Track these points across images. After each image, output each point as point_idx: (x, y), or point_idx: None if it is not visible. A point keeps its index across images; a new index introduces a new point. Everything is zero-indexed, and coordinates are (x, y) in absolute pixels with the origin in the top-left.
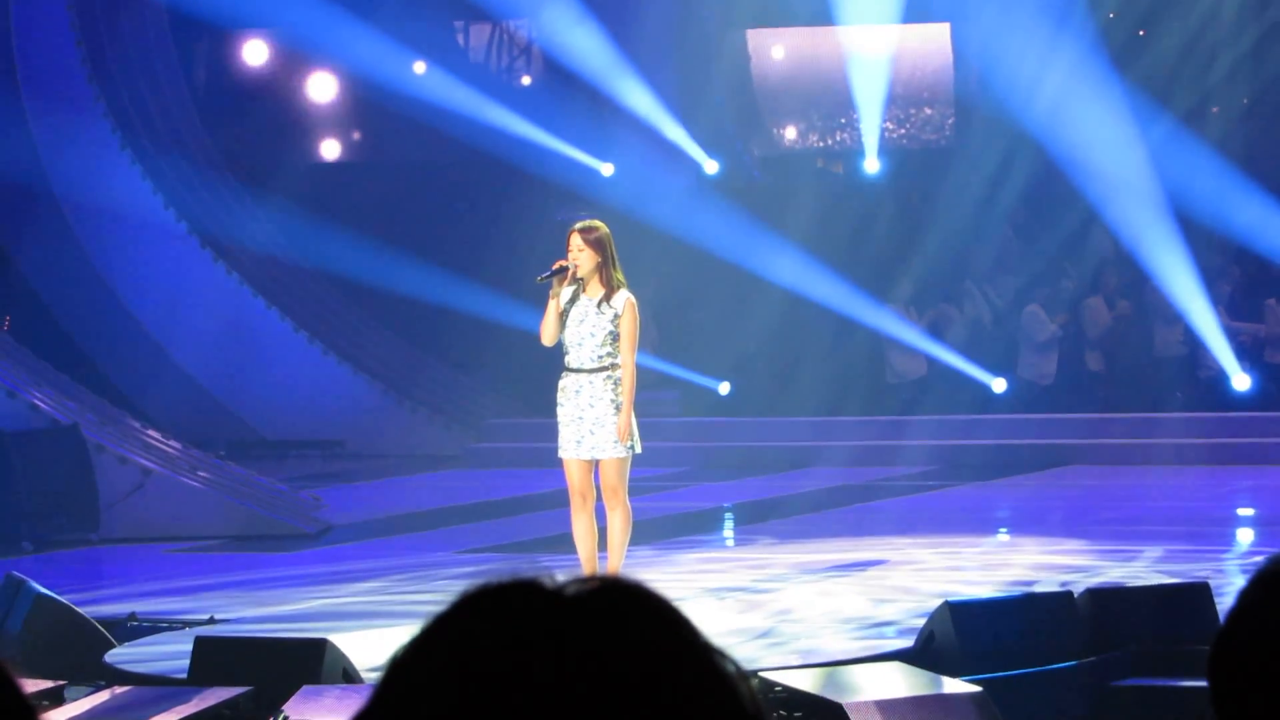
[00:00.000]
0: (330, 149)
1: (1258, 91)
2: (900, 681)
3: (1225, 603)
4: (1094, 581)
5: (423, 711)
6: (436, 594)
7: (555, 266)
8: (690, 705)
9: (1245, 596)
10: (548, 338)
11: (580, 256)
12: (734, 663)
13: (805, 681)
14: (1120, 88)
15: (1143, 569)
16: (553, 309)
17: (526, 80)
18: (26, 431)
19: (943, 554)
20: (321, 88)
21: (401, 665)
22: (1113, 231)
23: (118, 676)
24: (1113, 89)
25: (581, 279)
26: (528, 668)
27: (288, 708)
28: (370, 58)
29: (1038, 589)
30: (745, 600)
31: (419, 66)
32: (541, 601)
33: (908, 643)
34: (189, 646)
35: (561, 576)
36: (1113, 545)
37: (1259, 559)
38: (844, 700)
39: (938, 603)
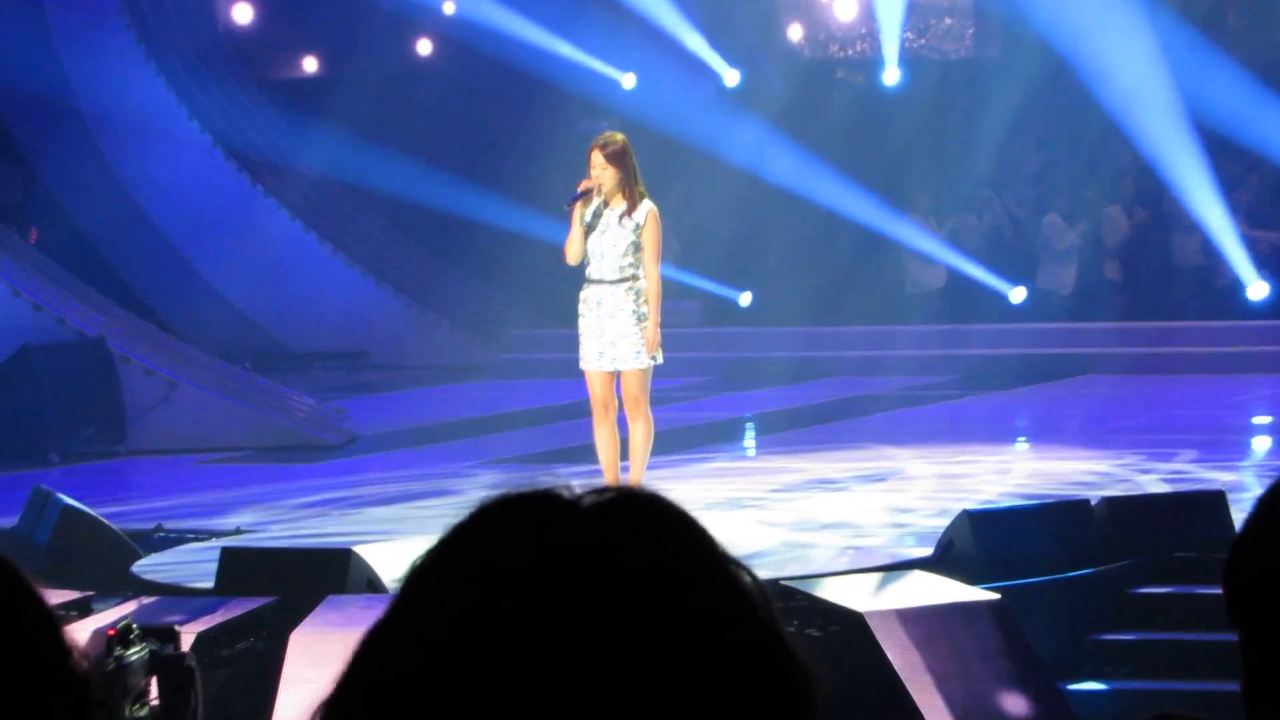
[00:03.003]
0: (350, 58)
1: (1270, 5)
2: (920, 590)
3: (1241, 510)
4: (1111, 490)
5: (440, 618)
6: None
7: (580, 189)
8: (705, 615)
9: (1261, 506)
10: (573, 257)
11: (603, 175)
12: (750, 572)
13: (825, 591)
14: (1144, 2)
15: (1160, 477)
16: (578, 229)
17: None
18: (53, 344)
19: (962, 463)
20: (344, 5)
21: (421, 574)
22: (1131, 141)
23: (145, 587)
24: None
25: (604, 196)
26: (543, 578)
27: (312, 617)
28: None
29: (1055, 498)
30: (765, 510)
31: None
32: (558, 512)
33: (927, 551)
34: (215, 557)
35: (579, 487)
36: (1130, 454)
37: (1276, 466)
38: (864, 609)
39: (957, 512)
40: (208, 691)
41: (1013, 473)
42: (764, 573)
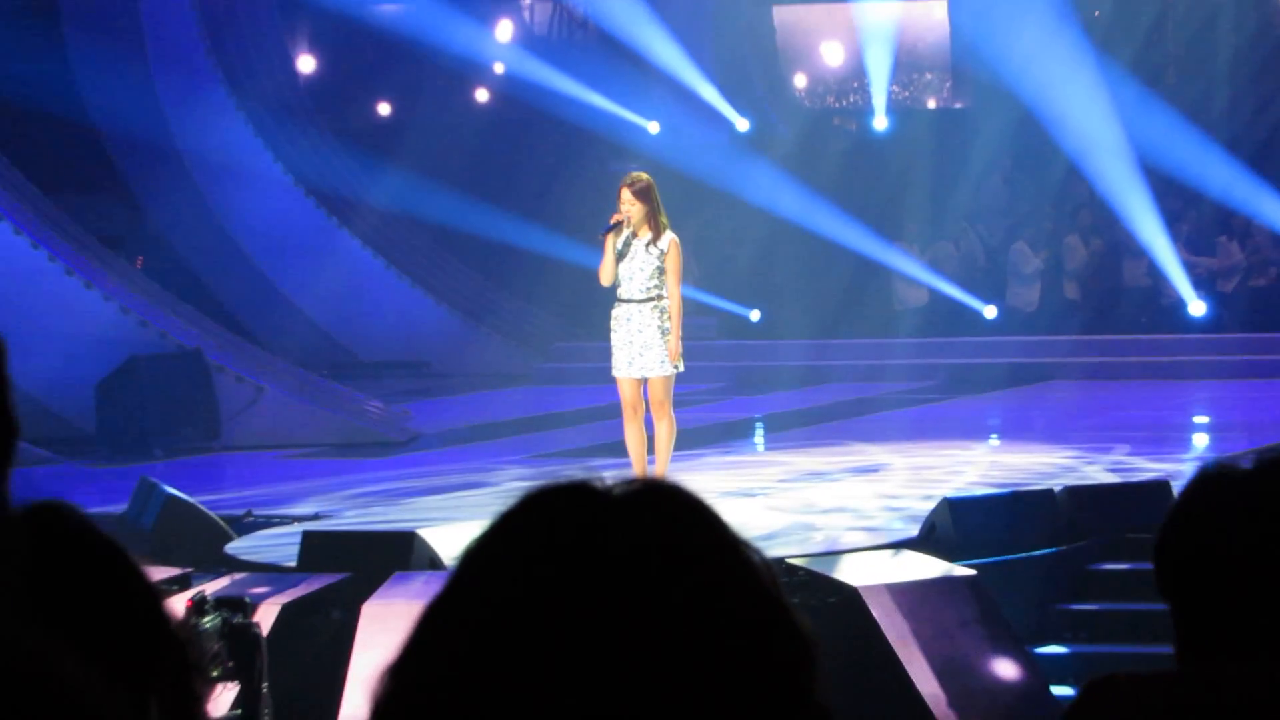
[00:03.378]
0: (414, 108)
1: (1207, 59)
2: (906, 567)
3: None
4: (1072, 480)
5: (491, 592)
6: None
7: (612, 222)
8: (720, 588)
9: (1182, 497)
10: (606, 279)
11: (631, 209)
12: (758, 552)
13: (824, 567)
14: (1094, 57)
15: (1113, 469)
16: (610, 255)
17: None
18: (157, 355)
19: (942, 457)
20: (409, 62)
21: (473, 555)
22: (1087, 180)
23: (236, 565)
24: (1088, 58)
25: (632, 227)
26: (579, 557)
27: (382, 590)
28: (448, 34)
29: (1024, 487)
30: (772, 498)
31: (502, 30)
32: (593, 501)
33: (912, 533)
34: (297, 539)
35: (610, 479)
36: (1088, 449)
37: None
38: (858, 583)
39: (938, 499)
40: (292, 655)
41: (986, 465)
42: (771, 552)
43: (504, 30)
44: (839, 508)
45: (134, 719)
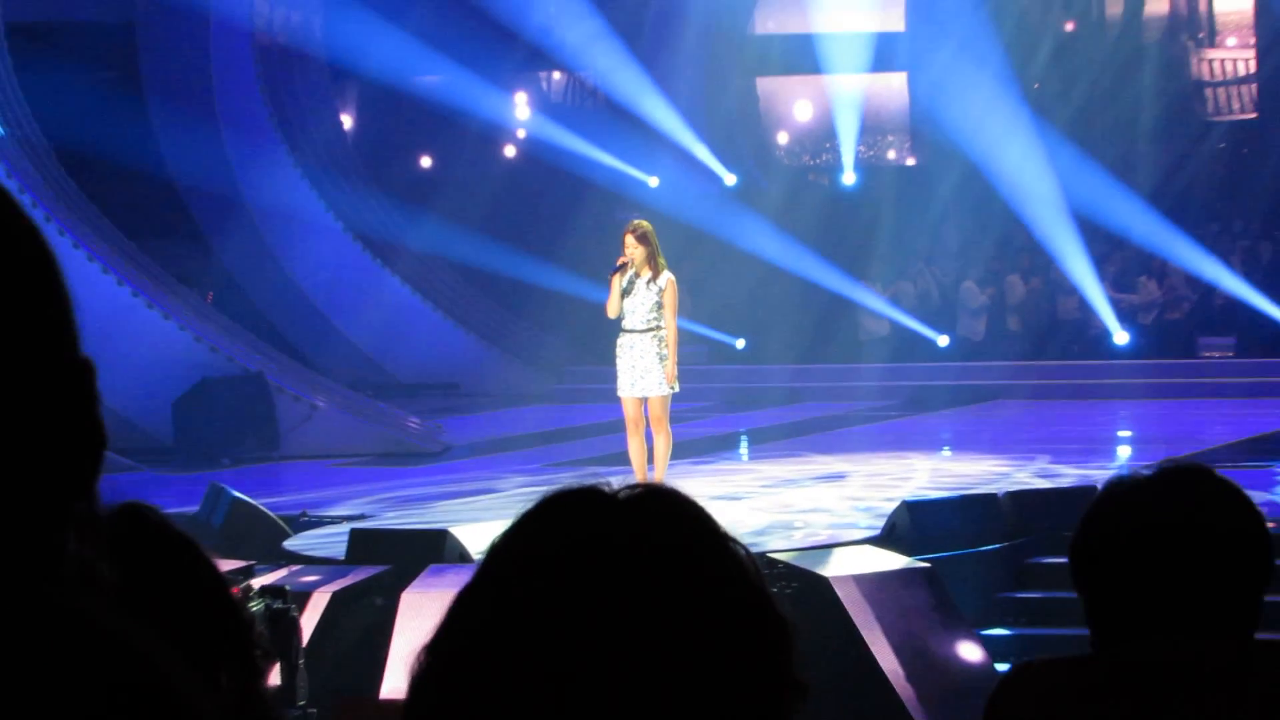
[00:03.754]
0: (447, 164)
1: (1131, 124)
2: (870, 560)
3: None
4: (1013, 485)
5: (512, 582)
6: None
7: (618, 264)
8: (710, 578)
9: (1091, 507)
10: (612, 312)
11: (634, 252)
12: (744, 546)
13: (799, 560)
14: (1033, 122)
15: (1048, 476)
16: (616, 292)
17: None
18: (225, 377)
19: (901, 465)
20: (443, 124)
21: (498, 549)
22: (1026, 226)
23: (293, 558)
24: (1028, 122)
25: (635, 268)
26: (590, 552)
27: (418, 580)
28: (477, 101)
29: (971, 491)
30: (755, 500)
31: (522, 98)
32: (601, 503)
33: (875, 531)
34: (345, 536)
35: (616, 484)
36: (1027, 458)
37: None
38: (829, 574)
39: (898, 502)
40: (342, 635)
41: (940, 472)
42: (754, 547)
43: (524, 98)
44: (813, 509)
45: (209, 692)
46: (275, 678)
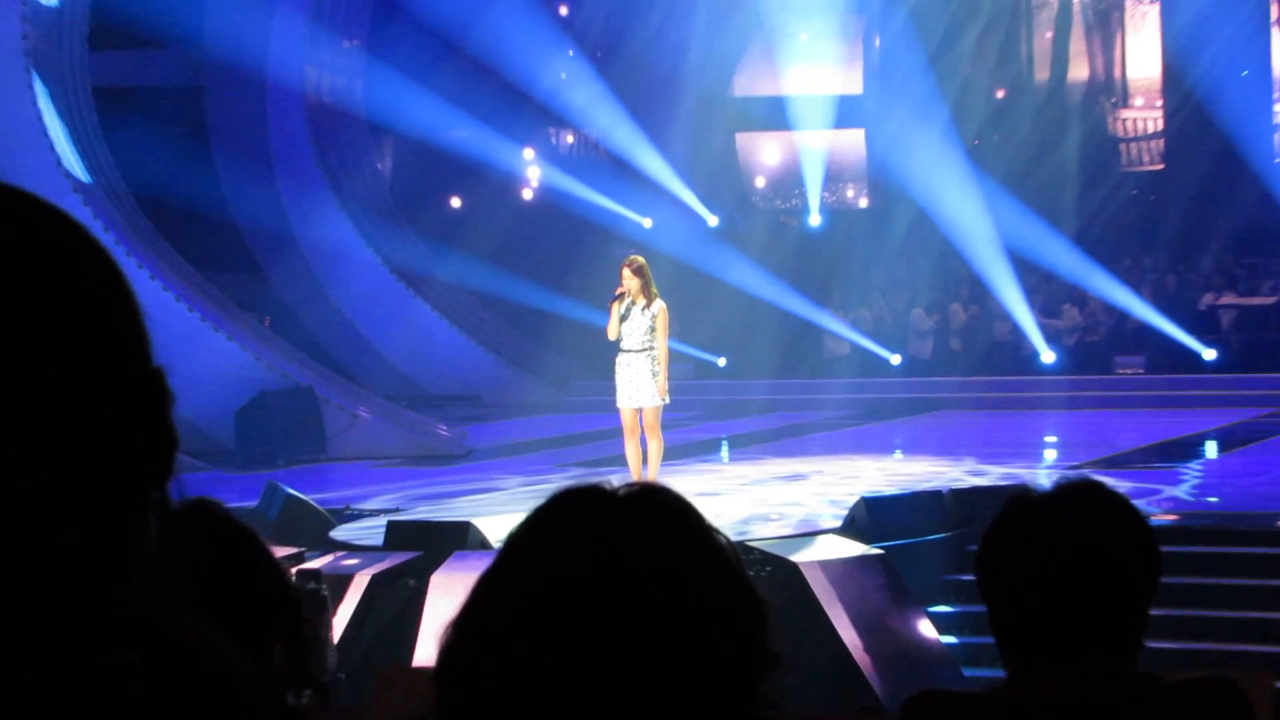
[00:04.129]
0: (469, 206)
1: (1057, 172)
2: (833, 548)
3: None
4: (955, 483)
5: (526, 567)
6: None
7: (616, 293)
8: (696, 563)
9: (995, 520)
10: (612, 334)
11: (630, 283)
12: (725, 536)
13: (773, 548)
14: (973, 172)
15: (985, 475)
16: (615, 317)
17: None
18: (280, 390)
19: (860, 467)
20: (467, 171)
21: (514, 538)
22: (967, 262)
23: (338, 546)
24: (968, 172)
25: (631, 296)
26: (594, 540)
27: (445, 565)
28: (496, 152)
29: (920, 489)
30: (735, 496)
31: (532, 152)
32: (602, 499)
33: (837, 523)
34: (383, 527)
35: (616, 482)
36: (968, 460)
37: (1055, 468)
38: (798, 560)
39: (857, 497)
40: (379, 612)
41: (893, 472)
42: (734, 537)
43: (536, 151)
44: (784, 503)
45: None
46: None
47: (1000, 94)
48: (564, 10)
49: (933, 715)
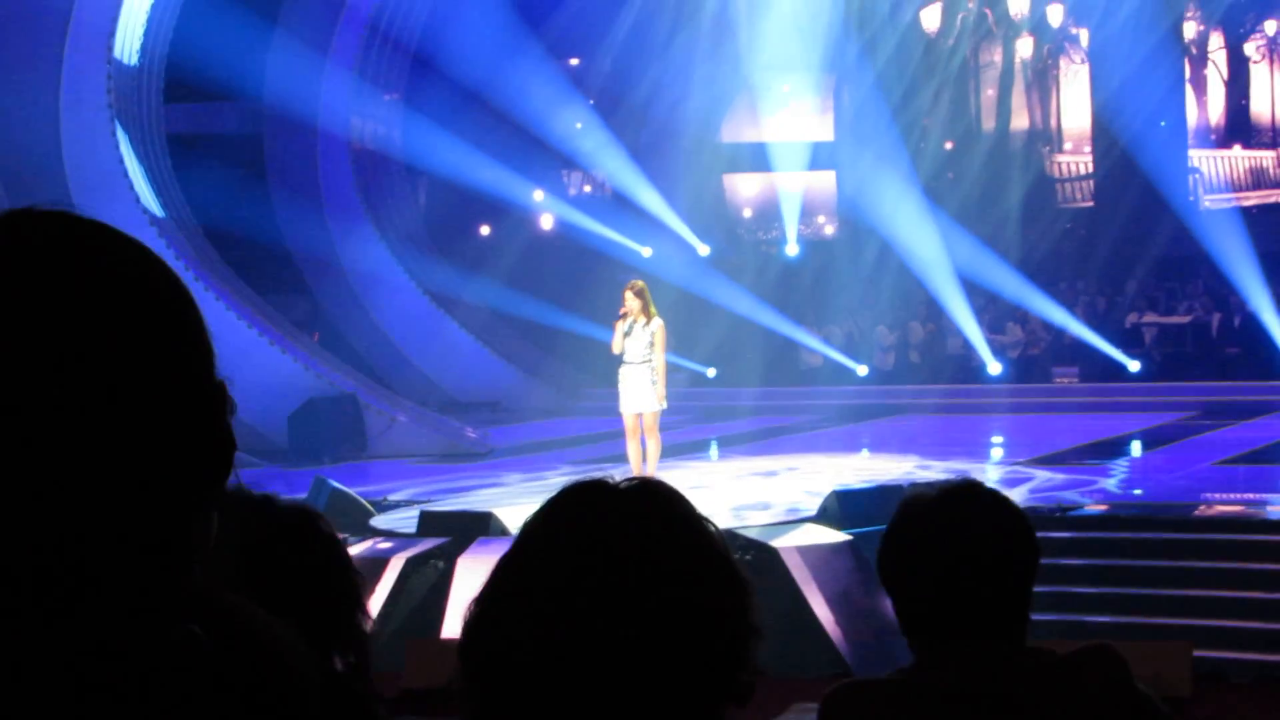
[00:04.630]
0: (492, 237)
1: (1001, 204)
2: (809, 534)
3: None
4: (914, 477)
5: (540, 552)
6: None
7: (621, 314)
8: (689, 548)
9: (892, 519)
10: (616, 349)
11: (632, 304)
12: (714, 524)
13: (754, 534)
14: (929, 206)
15: (941, 471)
16: (619, 334)
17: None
18: (327, 396)
19: (832, 463)
20: (490, 206)
21: (530, 526)
22: (924, 286)
23: (377, 533)
24: (924, 207)
25: (633, 316)
26: (600, 528)
27: (470, 549)
28: (515, 190)
29: (885, 483)
30: (723, 489)
31: (547, 190)
32: (608, 491)
33: (811, 511)
34: (416, 516)
35: (618, 477)
36: (927, 457)
37: (1006, 464)
38: (778, 545)
39: (829, 490)
40: (412, 591)
41: (861, 468)
42: (721, 523)
43: (551, 189)
44: (766, 495)
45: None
46: None
47: (950, 144)
48: (574, 62)
49: (850, 703)
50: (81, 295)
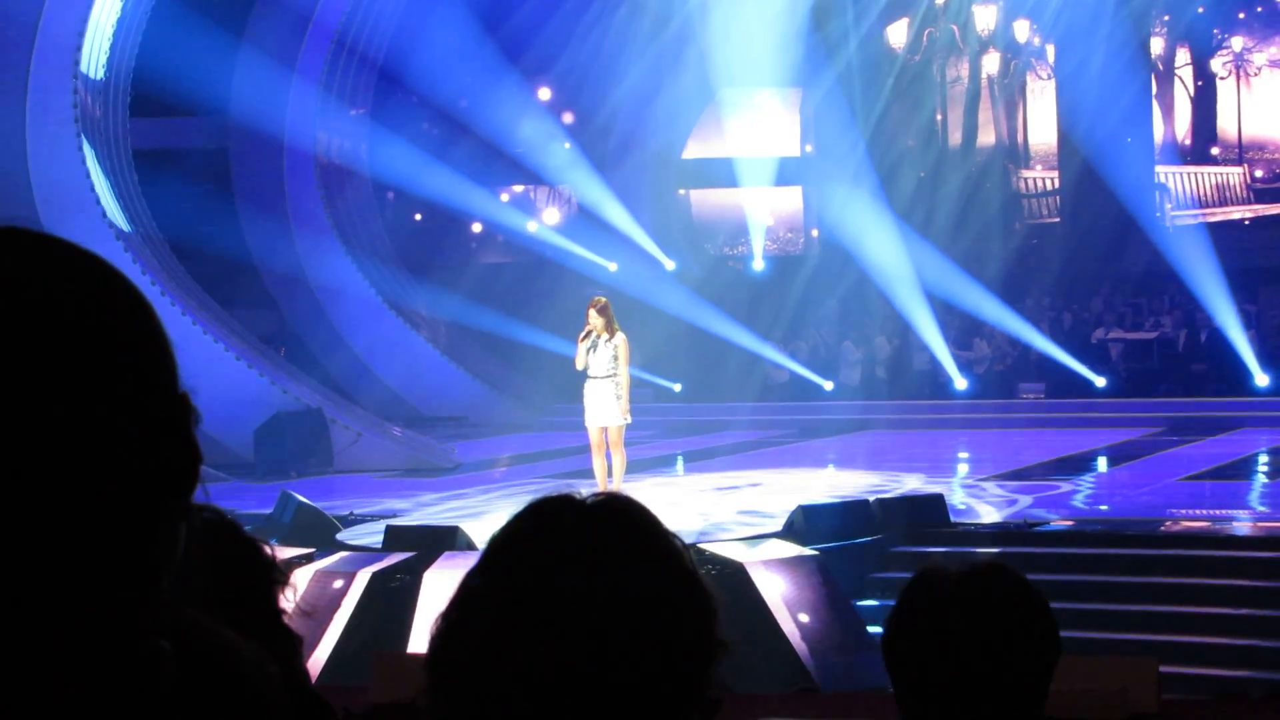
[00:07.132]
0: (458, 252)
1: (971, 223)
2: (775, 549)
3: (953, 507)
4: (879, 493)
5: (506, 566)
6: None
7: (585, 329)
8: (655, 562)
9: (903, 595)
10: (580, 364)
11: (595, 321)
12: (680, 539)
13: (720, 549)
14: (897, 223)
15: (906, 485)
16: (583, 349)
17: (558, 212)
18: (292, 411)
19: (797, 478)
20: (455, 223)
21: (496, 541)
22: (890, 301)
23: (343, 547)
24: (892, 224)
25: (596, 332)
26: (565, 543)
27: (437, 563)
28: (481, 206)
29: (849, 498)
30: (689, 504)
31: (512, 205)
32: (572, 506)
33: (778, 527)
34: (382, 530)
35: (585, 492)
36: (892, 472)
37: (972, 479)
38: (744, 560)
39: (795, 505)
40: (377, 606)
41: (826, 483)
42: (688, 539)
43: (517, 204)
44: (733, 510)
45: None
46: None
47: (919, 157)
48: (542, 84)
49: None
50: (39, 310)
